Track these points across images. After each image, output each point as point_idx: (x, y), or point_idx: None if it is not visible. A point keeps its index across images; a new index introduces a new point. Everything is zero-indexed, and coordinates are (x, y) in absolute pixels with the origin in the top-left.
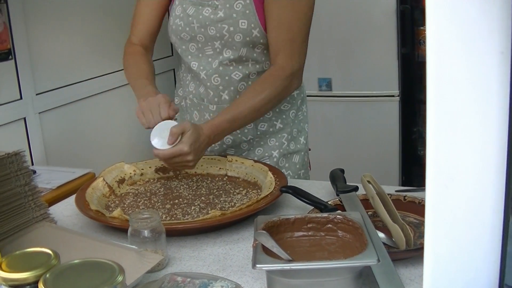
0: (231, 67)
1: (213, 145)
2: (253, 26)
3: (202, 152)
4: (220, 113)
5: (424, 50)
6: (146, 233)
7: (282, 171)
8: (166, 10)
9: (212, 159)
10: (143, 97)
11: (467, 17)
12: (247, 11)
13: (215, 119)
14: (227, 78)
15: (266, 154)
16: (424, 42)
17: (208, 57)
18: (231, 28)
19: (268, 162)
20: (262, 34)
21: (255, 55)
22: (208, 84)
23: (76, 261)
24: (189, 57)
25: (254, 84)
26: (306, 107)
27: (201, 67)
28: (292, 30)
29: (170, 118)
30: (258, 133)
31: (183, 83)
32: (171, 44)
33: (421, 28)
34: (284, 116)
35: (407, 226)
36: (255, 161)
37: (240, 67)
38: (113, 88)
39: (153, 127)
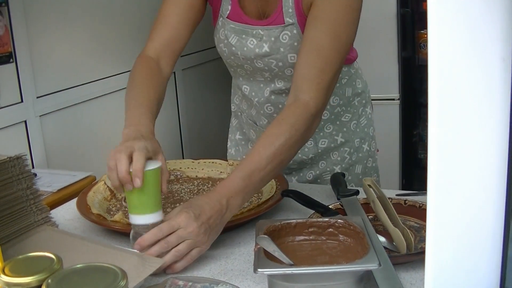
0: (284, 95)
1: None
2: None
3: (215, 223)
4: (233, 170)
5: (425, 54)
6: None
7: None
8: (197, 24)
9: (213, 163)
10: (128, 128)
11: (469, 23)
12: (295, 43)
13: (227, 178)
14: (280, 106)
15: (328, 169)
16: (425, 45)
17: (260, 83)
18: (280, 64)
19: (329, 177)
20: None
21: None
22: (261, 111)
23: (78, 265)
24: (240, 79)
25: (271, 127)
26: (371, 108)
27: (253, 93)
28: (326, 59)
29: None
30: (319, 150)
31: (236, 94)
32: None
33: (422, 31)
34: (345, 129)
35: (408, 230)
36: None
37: None
38: (114, 91)
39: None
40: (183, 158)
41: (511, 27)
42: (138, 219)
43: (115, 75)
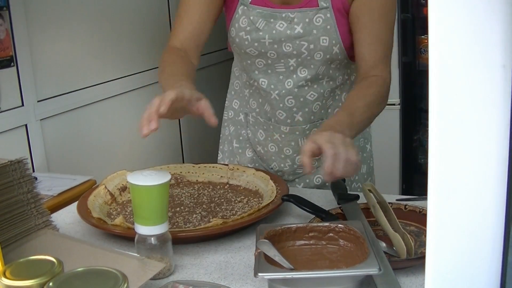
0: (306, 88)
1: (282, 165)
2: (334, 42)
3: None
4: (337, 111)
5: (425, 59)
6: (152, 240)
7: (353, 185)
8: (218, 16)
9: (213, 167)
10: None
11: (470, 29)
12: (328, 26)
13: (333, 117)
14: (301, 99)
15: None
16: (425, 51)
17: (279, 75)
18: (311, 46)
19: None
20: (341, 51)
21: (330, 71)
22: (281, 105)
23: (80, 269)
24: (256, 72)
25: (358, 89)
26: None
27: (272, 86)
28: (387, 44)
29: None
30: None
31: (241, 95)
32: None
33: (422, 37)
34: None
35: (408, 235)
36: (257, 170)
37: (315, 86)
38: (115, 95)
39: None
40: (184, 163)
41: (511, 35)
42: (143, 229)
43: (116, 79)
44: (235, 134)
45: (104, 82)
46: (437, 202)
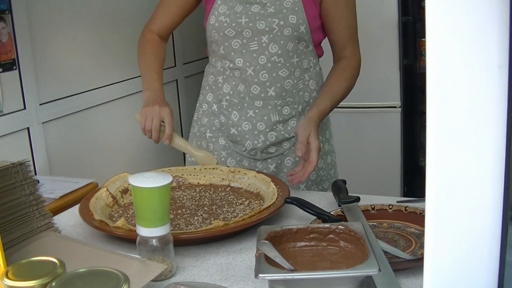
0: (279, 64)
1: (255, 142)
2: (301, 22)
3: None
4: (320, 99)
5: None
6: (154, 242)
7: (320, 172)
8: (192, 9)
9: (214, 170)
10: (149, 91)
11: (466, 31)
12: (296, 8)
13: (319, 105)
14: (274, 74)
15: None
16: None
17: (253, 53)
18: (281, 22)
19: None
20: (307, 31)
21: (298, 51)
22: (256, 80)
23: (81, 269)
24: (232, 53)
25: (335, 73)
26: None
27: (247, 63)
28: (352, 28)
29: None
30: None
31: (214, 87)
32: (174, 55)
33: (423, 39)
34: None
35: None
36: (258, 172)
37: (287, 64)
38: (116, 98)
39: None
40: (185, 165)
41: (507, 36)
42: (144, 231)
43: (118, 82)
44: (209, 125)
45: (106, 85)
46: (435, 202)
